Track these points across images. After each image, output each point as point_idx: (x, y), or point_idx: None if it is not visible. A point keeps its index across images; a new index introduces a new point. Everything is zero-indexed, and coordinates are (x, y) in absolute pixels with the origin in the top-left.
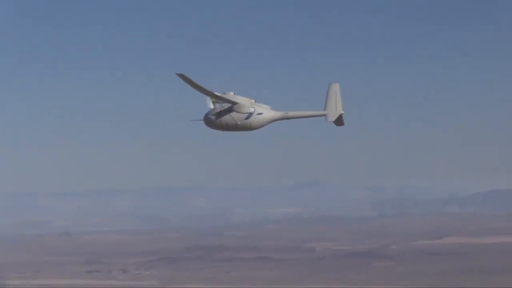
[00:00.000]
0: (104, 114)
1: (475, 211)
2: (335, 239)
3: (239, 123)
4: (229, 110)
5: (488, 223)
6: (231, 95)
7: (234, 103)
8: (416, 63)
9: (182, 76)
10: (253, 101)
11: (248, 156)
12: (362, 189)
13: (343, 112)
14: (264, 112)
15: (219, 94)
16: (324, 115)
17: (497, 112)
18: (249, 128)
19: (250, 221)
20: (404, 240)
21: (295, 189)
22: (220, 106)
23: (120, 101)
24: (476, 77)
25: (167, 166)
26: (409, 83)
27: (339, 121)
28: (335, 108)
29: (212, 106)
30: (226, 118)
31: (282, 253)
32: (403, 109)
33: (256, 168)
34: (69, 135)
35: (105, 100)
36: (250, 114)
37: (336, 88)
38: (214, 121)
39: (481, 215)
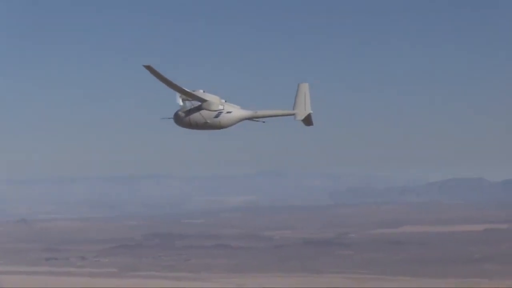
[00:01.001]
0: (60, 101)
1: (431, 200)
2: (293, 227)
3: (208, 121)
4: (199, 108)
5: (445, 212)
6: (200, 93)
7: (203, 100)
8: (377, 54)
9: (149, 68)
10: (223, 101)
11: (204, 144)
12: (319, 178)
13: (311, 111)
14: (234, 110)
15: (188, 90)
16: (293, 114)
17: (453, 103)
18: (219, 126)
19: (207, 209)
20: (362, 229)
21: (252, 178)
22: (190, 104)
23: (77, 87)
24: (433, 67)
25: (123, 155)
26: (366, 72)
27: (307, 120)
28: (304, 107)
29: (181, 103)
30: (196, 116)
31: (241, 241)
32: (360, 98)
33: (212, 157)
34: (24, 122)
35: (62, 86)
36: (220, 112)
37: (305, 87)
38: (183, 118)
39: (437, 204)
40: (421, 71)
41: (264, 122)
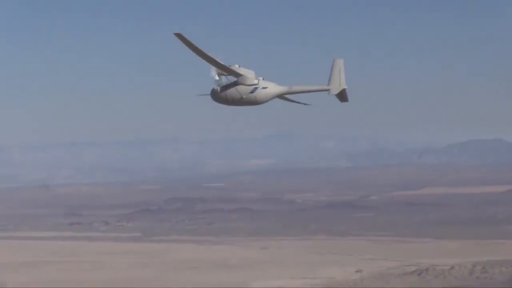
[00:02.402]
0: (75, 66)
1: (450, 162)
2: (313, 190)
3: (244, 96)
4: (235, 83)
5: (465, 174)
6: (235, 67)
7: (238, 75)
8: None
9: (179, 36)
10: (260, 78)
11: (217, 106)
12: (335, 141)
13: (346, 87)
14: (269, 86)
15: (221, 62)
16: (328, 89)
17: (470, 65)
18: (254, 102)
19: (225, 172)
20: (382, 191)
21: (266, 141)
22: (226, 80)
23: (91, 53)
24: (448, 30)
25: (138, 118)
26: (385, 36)
27: (342, 96)
28: (339, 83)
29: (217, 78)
30: (232, 92)
31: (262, 204)
32: (377, 59)
33: (226, 119)
34: (40, 87)
35: (76, 50)
36: (255, 88)
37: (340, 63)
38: (219, 94)
39: (457, 165)
40: (437, 35)
41: (306, 104)
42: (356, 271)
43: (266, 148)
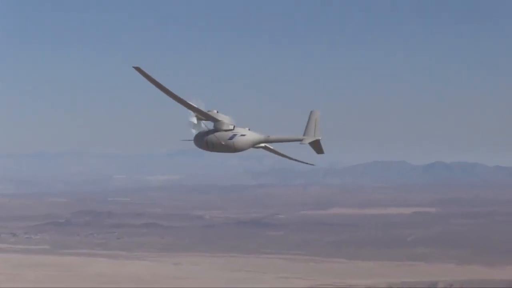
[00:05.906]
0: None
1: (355, 182)
2: (220, 207)
3: (223, 142)
4: (214, 130)
5: (371, 195)
6: (214, 113)
7: (216, 120)
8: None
9: (138, 69)
10: (246, 128)
11: (122, 122)
12: (240, 158)
13: (320, 137)
14: (247, 134)
15: (191, 103)
16: (303, 139)
17: (376, 86)
18: (233, 149)
19: (131, 187)
20: (289, 209)
21: (171, 157)
22: (205, 127)
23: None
24: (359, 56)
25: (40, 131)
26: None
27: (317, 147)
28: (313, 133)
29: (195, 122)
30: (211, 138)
31: (170, 220)
32: (279, 79)
33: (129, 135)
34: None
35: None
36: (234, 135)
37: (317, 114)
38: (201, 139)
39: (362, 186)
40: (338, 57)
41: (309, 164)
42: None
43: (170, 164)
